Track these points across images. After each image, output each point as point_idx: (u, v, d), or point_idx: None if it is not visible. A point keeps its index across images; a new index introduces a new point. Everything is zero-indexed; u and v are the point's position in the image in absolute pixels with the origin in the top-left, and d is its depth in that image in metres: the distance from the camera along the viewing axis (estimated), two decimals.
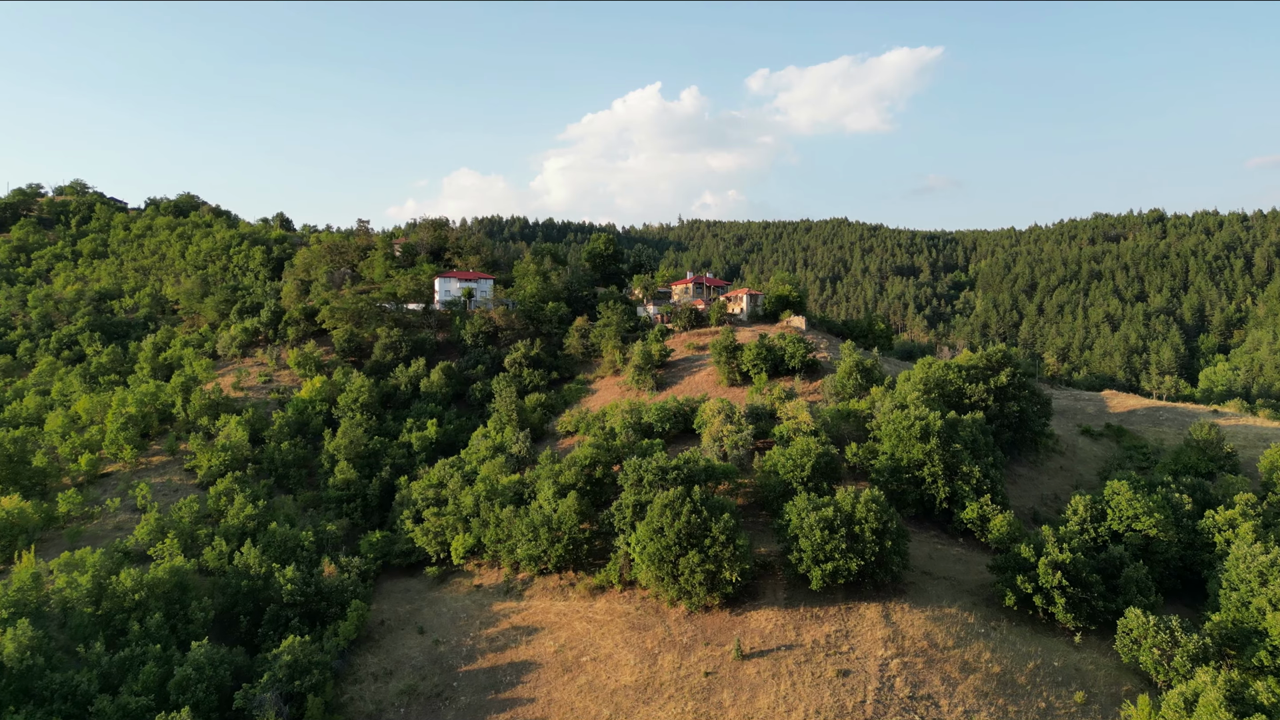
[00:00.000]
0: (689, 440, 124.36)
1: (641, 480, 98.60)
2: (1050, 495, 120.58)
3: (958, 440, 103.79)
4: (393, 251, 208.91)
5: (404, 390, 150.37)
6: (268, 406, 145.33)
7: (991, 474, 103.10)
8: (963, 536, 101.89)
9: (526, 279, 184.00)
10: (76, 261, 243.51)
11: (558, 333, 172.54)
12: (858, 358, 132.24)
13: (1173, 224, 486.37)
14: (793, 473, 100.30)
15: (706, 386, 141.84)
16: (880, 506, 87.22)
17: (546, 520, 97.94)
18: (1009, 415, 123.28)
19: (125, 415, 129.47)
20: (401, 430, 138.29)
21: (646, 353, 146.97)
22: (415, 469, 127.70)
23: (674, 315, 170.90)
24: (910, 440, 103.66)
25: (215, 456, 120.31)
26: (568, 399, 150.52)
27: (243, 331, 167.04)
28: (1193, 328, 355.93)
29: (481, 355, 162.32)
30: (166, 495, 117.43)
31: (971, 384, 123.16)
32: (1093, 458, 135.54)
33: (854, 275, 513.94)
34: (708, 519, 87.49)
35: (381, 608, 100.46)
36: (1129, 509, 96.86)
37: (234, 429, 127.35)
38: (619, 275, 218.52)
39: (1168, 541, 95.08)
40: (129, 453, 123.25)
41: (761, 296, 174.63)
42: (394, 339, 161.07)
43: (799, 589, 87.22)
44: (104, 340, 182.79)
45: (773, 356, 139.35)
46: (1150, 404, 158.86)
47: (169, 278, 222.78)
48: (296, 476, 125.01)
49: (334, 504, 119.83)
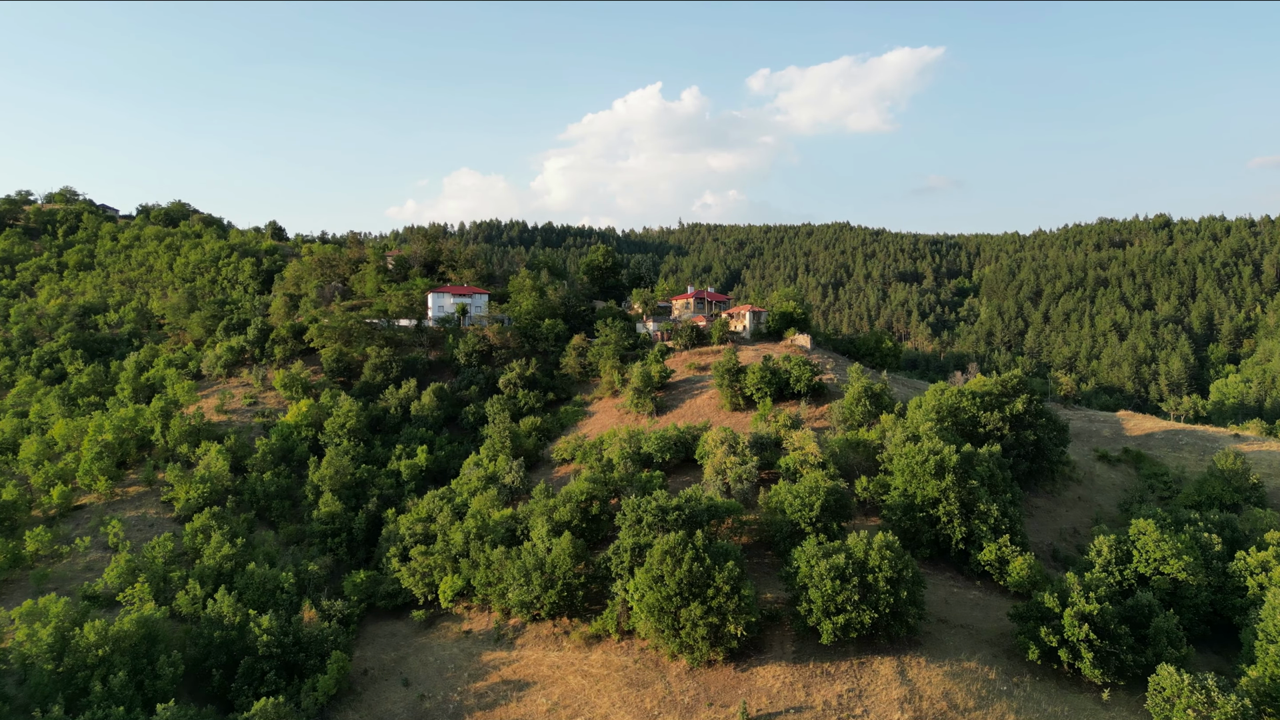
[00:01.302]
0: (690, 470, 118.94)
1: (641, 520, 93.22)
2: (1069, 529, 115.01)
3: (974, 476, 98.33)
4: (385, 264, 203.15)
5: (394, 414, 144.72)
6: (251, 432, 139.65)
7: (1010, 512, 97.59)
8: (980, 578, 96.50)
9: (522, 295, 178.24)
10: (62, 274, 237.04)
11: (554, 351, 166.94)
12: (866, 382, 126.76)
13: (1179, 229, 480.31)
14: (801, 512, 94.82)
15: (708, 411, 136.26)
16: (895, 553, 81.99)
17: (540, 564, 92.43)
18: (1025, 444, 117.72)
19: (101, 443, 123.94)
20: (390, 457, 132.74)
21: (646, 374, 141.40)
22: (404, 500, 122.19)
23: (674, 333, 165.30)
24: (924, 476, 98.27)
25: (193, 489, 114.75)
26: (564, 422, 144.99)
27: (228, 351, 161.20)
28: (1201, 337, 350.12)
29: (475, 375, 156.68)
30: (141, 530, 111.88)
31: (986, 412, 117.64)
32: (1111, 486, 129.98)
33: (856, 281, 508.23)
34: (711, 567, 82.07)
35: (365, 654, 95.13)
36: (1156, 550, 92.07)
37: (214, 458, 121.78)
38: (618, 289, 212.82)
39: (1197, 585, 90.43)
40: (103, 484, 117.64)
41: (765, 314, 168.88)
42: (384, 359, 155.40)
43: (808, 642, 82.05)
44: (86, 358, 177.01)
45: (777, 380, 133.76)
46: (1168, 426, 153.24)
47: (156, 291, 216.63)
48: (279, 509, 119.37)
49: (318, 538, 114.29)
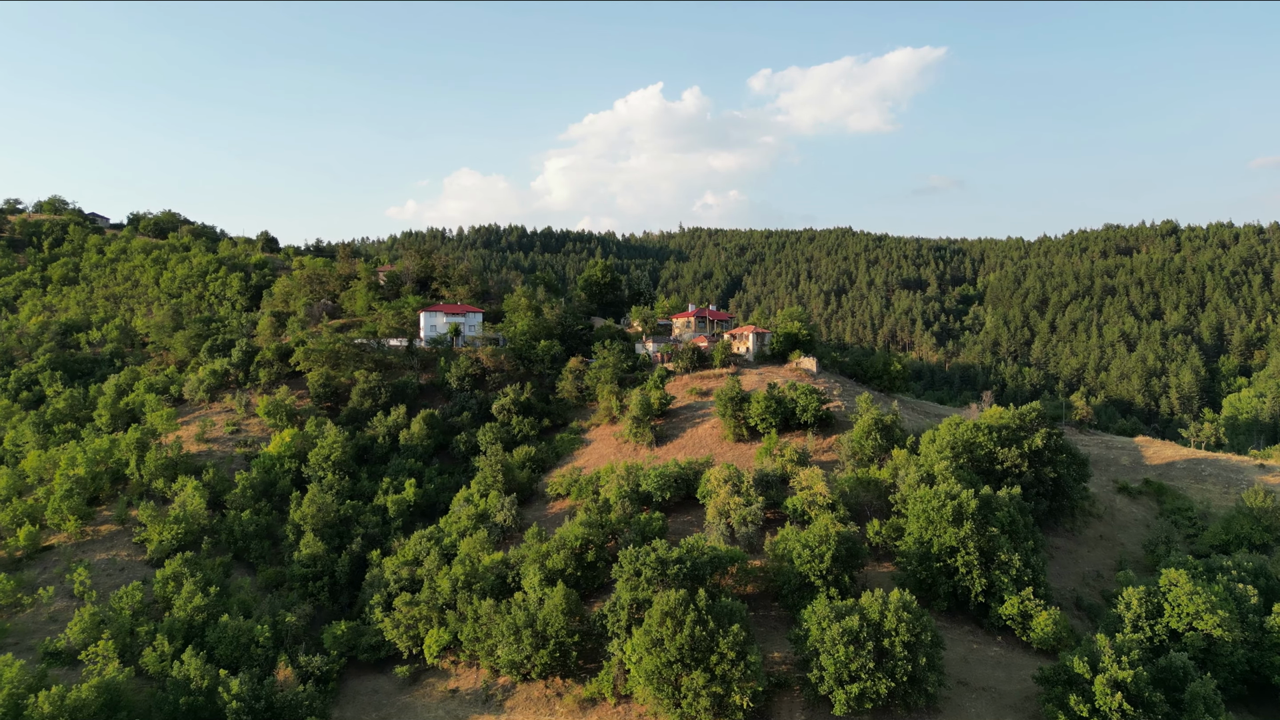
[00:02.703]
0: (692, 509, 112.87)
1: (639, 574, 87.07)
2: (1092, 573, 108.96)
3: (994, 522, 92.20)
4: (376, 281, 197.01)
5: (382, 443, 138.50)
6: (232, 463, 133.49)
7: (1033, 562, 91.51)
8: (1001, 632, 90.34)
9: (517, 314, 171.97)
10: (46, 288, 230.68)
11: (550, 374, 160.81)
12: (876, 413, 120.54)
13: (1186, 236, 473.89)
14: (810, 564, 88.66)
15: (710, 442, 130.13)
16: (913, 615, 75.97)
17: (531, 620, 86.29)
18: (1045, 482, 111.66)
19: (72, 479, 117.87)
20: (377, 491, 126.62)
21: (645, 402, 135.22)
22: (390, 539, 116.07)
23: (675, 355, 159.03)
24: (941, 523, 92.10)
25: (167, 530, 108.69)
26: (559, 451, 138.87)
27: (211, 375, 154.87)
28: (1211, 348, 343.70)
29: (467, 401, 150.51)
30: (111, 576, 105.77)
31: (1004, 448, 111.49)
32: (1133, 521, 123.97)
33: (859, 288, 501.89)
34: (715, 631, 75.94)
35: (345, 715, 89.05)
36: (1189, 604, 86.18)
37: (190, 495, 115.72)
38: (617, 305, 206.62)
39: (1233, 642, 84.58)
40: (72, 525, 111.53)
41: (769, 335, 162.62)
42: (372, 384, 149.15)
43: (820, 710, 76.00)
44: (65, 380, 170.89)
45: (783, 410, 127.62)
46: (1189, 454, 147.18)
47: (140, 307, 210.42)
48: (258, 549, 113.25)
49: (298, 582, 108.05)
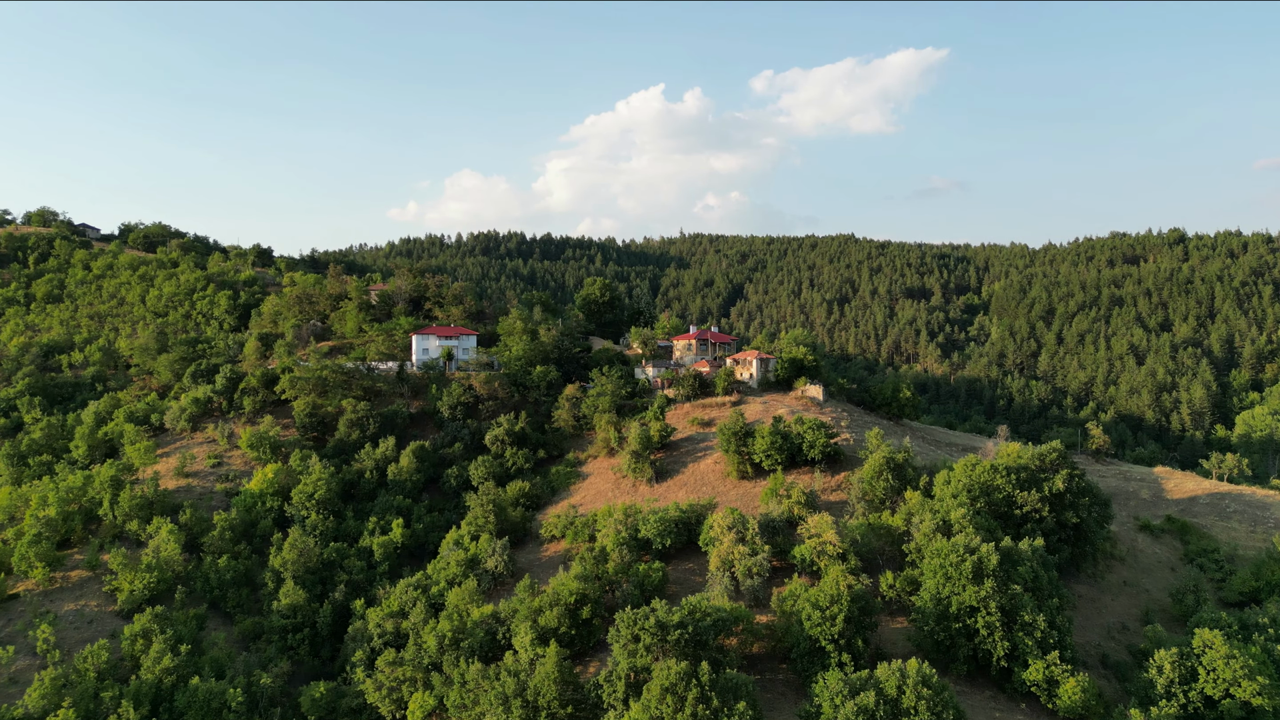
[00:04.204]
0: (693, 555, 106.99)
1: (638, 639, 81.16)
2: (1117, 625, 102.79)
3: (1016, 579, 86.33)
4: (368, 300, 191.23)
5: (369, 478, 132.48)
6: (212, 500, 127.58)
7: (1059, 622, 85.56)
8: (1025, 698, 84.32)
9: (513, 338, 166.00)
10: (29, 306, 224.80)
11: (546, 400, 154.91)
12: (887, 451, 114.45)
13: (1194, 244, 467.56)
14: (821, 626, 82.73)
15: (713, 479, 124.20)
16: (933, 691, 69.94)
17: (521, 689, 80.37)
18: (1066, 527, 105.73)
19: (43, 521, 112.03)
20: (364, 531, 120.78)
21: (645, 436, 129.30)
22: (375, 586, 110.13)
23: (676, 381, 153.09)
24: (959, 580, 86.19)
25: (139, 579, 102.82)
26: (555, 485, 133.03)
27: (194, 403, 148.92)
28: (1222, 361, 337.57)
29: (460, 431, 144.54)
30: (79, 629, 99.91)
31: (1023, 490, 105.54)
32: (1157, 564, 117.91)
33: (863, 297, 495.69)
34: (720, 710, 70.05)
35: None
36: (1226, 669, 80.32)
37: (165, 538, 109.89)
38: (616, 324, 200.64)
39: (1274, 710, 78.79)
40: (40, 573, 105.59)
41: (773, 361, 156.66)
42: (361, 413, 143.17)
43: None
44: (45, 406, 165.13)
45: (789, 445, 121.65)
46: (1212, 488, 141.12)
47: (125, 327, 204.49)
48: (235, 598, 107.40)
49: (277, 635, 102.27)
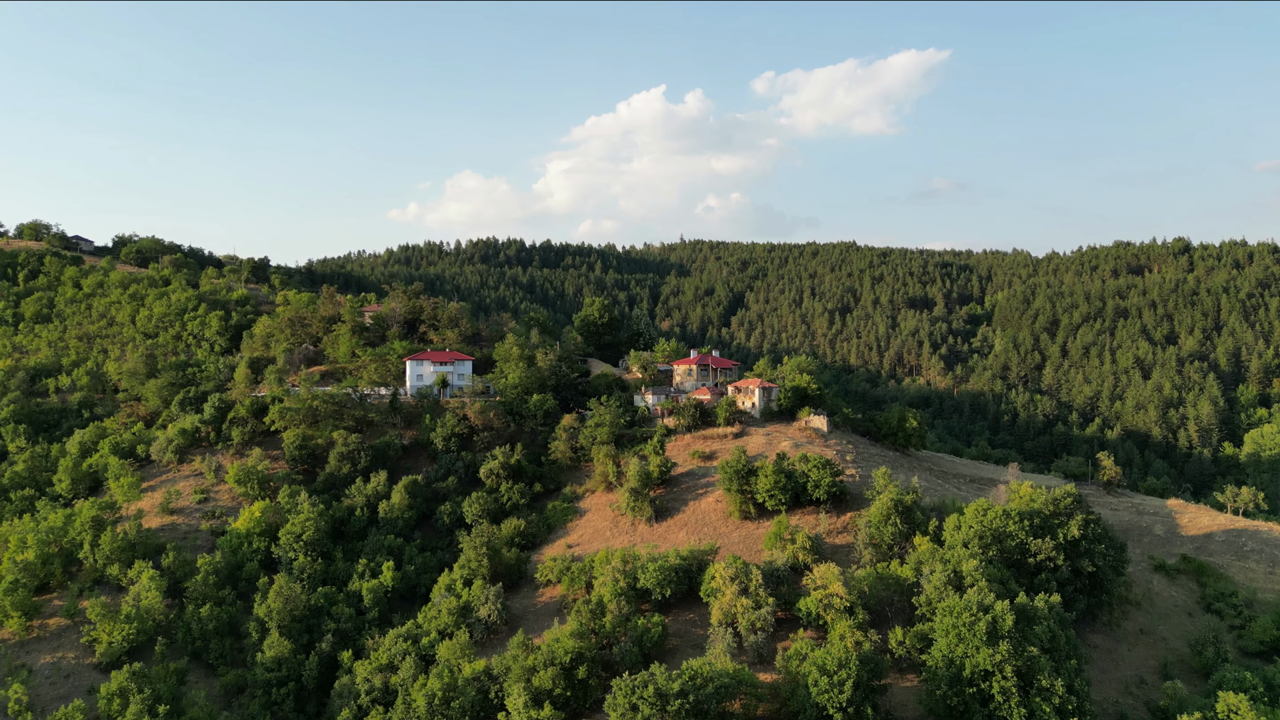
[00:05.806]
0: (694, 605, 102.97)
1: (636, 709, 77.28)
2: (1134, 679, 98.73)
3: (1033, 639, 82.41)
4: (362, 323, 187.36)
5: (360, 515, 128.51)
6: (198, 540, 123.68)
7: (1077, 686, 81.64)
8: None
9: (509, 364, 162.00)
10: (18, 326, 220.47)
11: (543, 430, 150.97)
12: (895, 493, 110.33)
13: (1199, 255, 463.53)
14: (828, 694, 78.81)
15: (714, 519, 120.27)
16: None
17: None
18: (1082, 575, 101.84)
19: (20, 565, 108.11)
20: (353, 573, 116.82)
21: (644, 472, 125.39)
22: (364, 635, 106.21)
23: (676, 410, 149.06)
24: (973, 640, 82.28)
25: (117, 630, 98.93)
26: (551, 522, 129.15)
27: (180, 434, 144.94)
28: (1229, 375, 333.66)
29: (453, 463, 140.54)
30: (55, 684, 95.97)
31: (1037, 538, 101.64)
32: (1174, 609, 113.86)
33: (864, 307, 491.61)
34: None
35: None
36: None
37: (146, 585, 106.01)
38: (615, 346, 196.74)
39: None
40: (16, 624, 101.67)
41: (776, 390, 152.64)
42: (352, 446, 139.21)
43: None
44: (30, 434, 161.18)
45: (793, 485, 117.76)
46: (1228, 524, 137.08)
47: (115, 349, 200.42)
48: (218, 649, 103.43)
49: (261, 689, 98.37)
